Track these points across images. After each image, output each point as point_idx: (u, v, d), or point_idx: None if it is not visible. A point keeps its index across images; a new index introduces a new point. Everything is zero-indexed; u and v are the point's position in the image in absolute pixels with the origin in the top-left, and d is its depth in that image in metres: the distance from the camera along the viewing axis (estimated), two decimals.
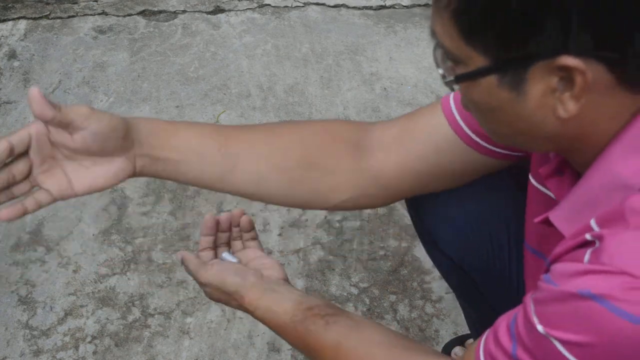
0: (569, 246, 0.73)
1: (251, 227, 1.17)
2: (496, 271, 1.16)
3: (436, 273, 1.71)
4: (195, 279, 1.08)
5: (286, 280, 1.08)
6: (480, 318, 1.34)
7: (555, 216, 0.79)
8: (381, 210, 1.94)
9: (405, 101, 2.29)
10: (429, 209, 1.17)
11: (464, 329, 1.63)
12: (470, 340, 1.60)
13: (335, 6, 2.66)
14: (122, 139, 0.94)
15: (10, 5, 2.61)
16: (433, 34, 0.75)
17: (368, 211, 1.94)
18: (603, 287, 0.65)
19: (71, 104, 0.94)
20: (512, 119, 0.74)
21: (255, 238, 1.18)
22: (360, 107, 2.26)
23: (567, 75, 0.67)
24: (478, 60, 0.70)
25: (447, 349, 1.61)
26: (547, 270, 0.77)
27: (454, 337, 1.65)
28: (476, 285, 1.20)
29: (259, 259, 1.13)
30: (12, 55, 2.42)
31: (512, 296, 1.14)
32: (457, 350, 1.60)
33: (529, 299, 0.74)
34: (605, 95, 0.69)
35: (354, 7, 2.66)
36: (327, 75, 2.37)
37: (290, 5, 2.65)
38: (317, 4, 2.67)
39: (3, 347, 1.63)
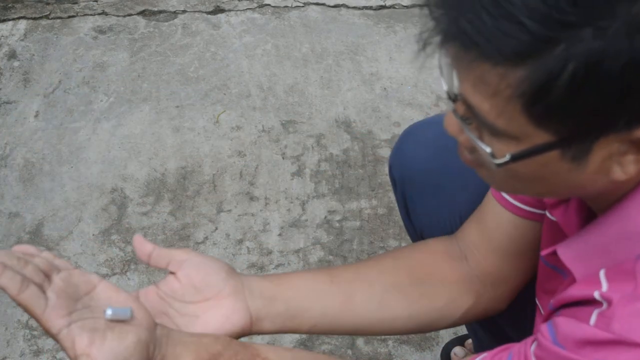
0: (575, 297, 0.71)
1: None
2: None
3: None
4: None
5: (150, 319, 0.84)
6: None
7: (564, 252, 0.78)
8: (381, 210, 1.94)
9: (405, 101, 2.29)
10: (421, 213, 1.18)
11: (464, 329, 1.63)
12: (471, 341, 1.59)
13: (335, 6, 2.65)
14: (227, 273, 0.92)
15: (10, 5, 2.61)
16: (466, 105, 0.68)
17: (368, 211, 1.94)
18: None
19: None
20: (556, 186, 0.71)
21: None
22: (360, 107, 2.26)
23: (636, 141, 0.65)
24: (540, 137, 0.66)
25: (447, 349, 1.61)
26: (549, 315, 0.75)
27: (454, 337, 1.65)
28: None
29: (115, 303, 0.84)
30: (12, 55, 2.42)
31: (513, 302, 1.14)
32: (457, 350, 1.60)
33: (530, 353, 0.73)
34: None
35: (354, 7, 2.66)
36: (327, 75, 2.37)
37: (290, 5, 2.65)
38: (317, 4, 2.66)
39: (3, 347, 1.63)
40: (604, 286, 0.69)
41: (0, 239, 1.86)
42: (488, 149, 0.69)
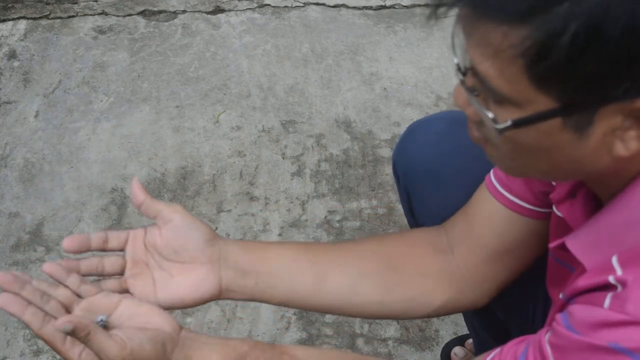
0: (588, 285, 0.71)
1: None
2: None
3: None
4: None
5: (174, 324, 0.89)
6: (479, 319, 1.34)
7: (573, 243, 0.77)
8: (381, 210, 1.94)
9: (405, 101, 2.29)
10: (424, 210, 1.18)
11: (464, 329, 1.63)
12: (471, 341, 1.59)
13: (335, 6, 2.65)
14: (206, 242, 0.95)
15: (10, 5, 2.61)
16: (470, 71, 0.69)
17: (368, 211, 1.94)
18: (633, 340, 0.65)
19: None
20: (560, 160, 0.71)
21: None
22: (360, 107, 2.26)
23: (638, 115, 0.65)
24: (542, 103, 0.66)
25: (447, 349, 1.61)
26: (563, 306, 0.75)
27: (454, 337, 1.65)
28: None
29: (137, 315, 0.89)
30: (12, 55, 2.42)
31: (515, 295, 1.14)
32: (457, 350, 1.60)
33: (544, 341, 0.73)
34: None
35: (354, 7, 2.66)
36: (327, 75, 2.37)
37: (290, 5, 2.65)
38: (317, 4, 2.67)
39: (3, 347, 1.63)
40: (619, 271, 0.69)
41: (0, 239, 1.86)
42: (491, 115, 0.69)
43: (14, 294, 0.85)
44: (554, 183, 0.91)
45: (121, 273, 0.95)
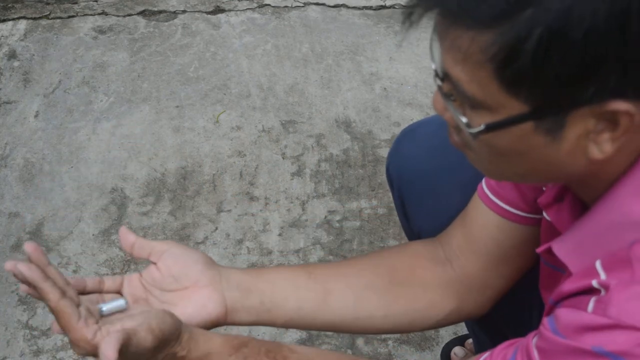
0: (573, 289, 0.72)
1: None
2: None
3: None
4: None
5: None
6: (478, 321, 1.34)
7: (559, 247, 0.78)
8: (381, 210, 1.94)
9: (405, 101, 2.29)
10: (418, 214, 1.18)
11: (464, 329, 1.63)
12: (471, 341, 1.59)
13: (335, 6, 2.65)
14: (205, 264, 0.96)
15: (10, 5, 2.61)
16: (446, 77, 0.70)
17: (368, 211, 1.94)
18: (616, 343, 0.66)
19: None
20: (536, 163, 0.71)
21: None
22: (361, 107, 2.26)
23: (610, 117, 0.65)
24: (513, 107, 0.67)
25: (447, 349, 1.61)
26: (551, 309, 0.76)
27: (454, 337, 1.65)
28: None
29: (130, 309, 0.90)
30: (12, 55, 2.42)
31: (513, 301, 1.14)
32: (457, 350, 1.60)
33: (532, 345, 0.74)
34: (637, 133, 0.67)
35: (354, 7, 2.66)
36: (327, 75, 2.37)
37: (290, 5, 2.65)
38: (317, 4, 2.66)
39: (3, 347, 1.63)
40: (602, 275, 0.70)
41: (0, 239, 1.86)
42: (464, 119, 0.70)
43: (36, 266, 0.82)
44: (544, 188, 0.91)
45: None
